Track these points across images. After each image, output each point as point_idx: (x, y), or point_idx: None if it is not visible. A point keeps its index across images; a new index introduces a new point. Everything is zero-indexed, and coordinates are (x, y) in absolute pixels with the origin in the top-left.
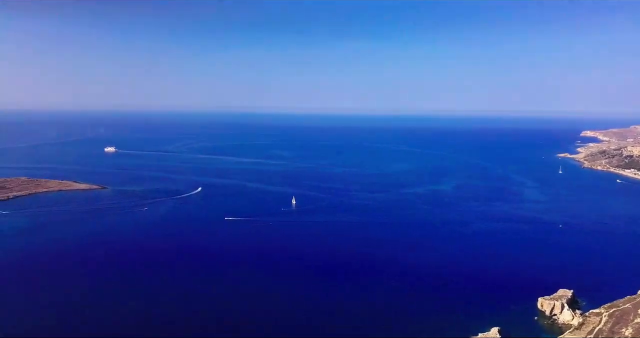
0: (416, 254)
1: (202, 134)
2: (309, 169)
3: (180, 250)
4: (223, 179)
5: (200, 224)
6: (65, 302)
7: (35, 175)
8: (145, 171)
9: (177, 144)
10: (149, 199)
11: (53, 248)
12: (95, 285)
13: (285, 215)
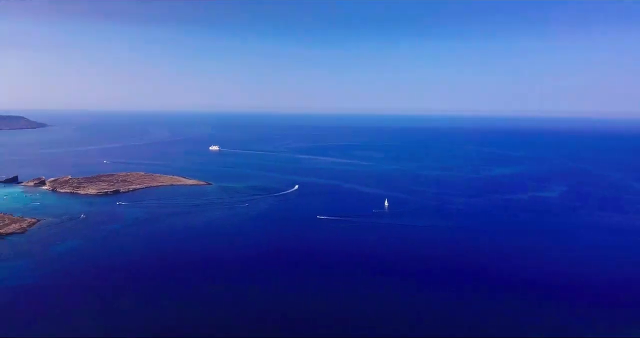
0: (519, 263)
1: (295, 135)
2: (400, 170)
3: (274, 245)
4: (317, 179)
5: (294, 221)
6: (176, 289)
7: (151, 170)
8: (246, 169)
9: (274, 144)
10: (250, 196)
11: (163, 240)
12: (195, 277)
13: (376, 216)
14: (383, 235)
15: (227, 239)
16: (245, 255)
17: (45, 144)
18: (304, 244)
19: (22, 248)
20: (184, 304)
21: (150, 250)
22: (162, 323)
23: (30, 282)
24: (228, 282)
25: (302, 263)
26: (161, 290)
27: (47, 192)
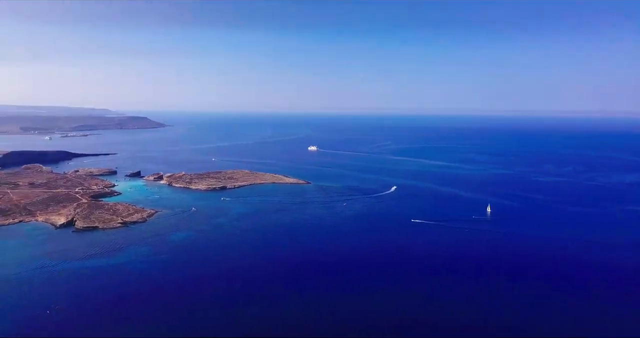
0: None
1: (391, 136)
2: (507, 175)
3: (369, 246)
4: (415, 181)
5: (388, 223)
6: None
7: (254, 168)
8: (343, 170)
9: (371, 145)
10: (347, 196)
11: (264, 235)
12: (297, 274)
13: (476, 223)
14: (481, 243)
15: (326, 237)
16: (341, 255)
17: (164, 142)
18: (398, 247)
19: (142, 236)
20: (286, 301)
21: (253, 245)
22: (266, 316)
23: (147, 266)
24: (327, 280)
25: (396, 266)
26: (263, 284)
27: (164, 186)
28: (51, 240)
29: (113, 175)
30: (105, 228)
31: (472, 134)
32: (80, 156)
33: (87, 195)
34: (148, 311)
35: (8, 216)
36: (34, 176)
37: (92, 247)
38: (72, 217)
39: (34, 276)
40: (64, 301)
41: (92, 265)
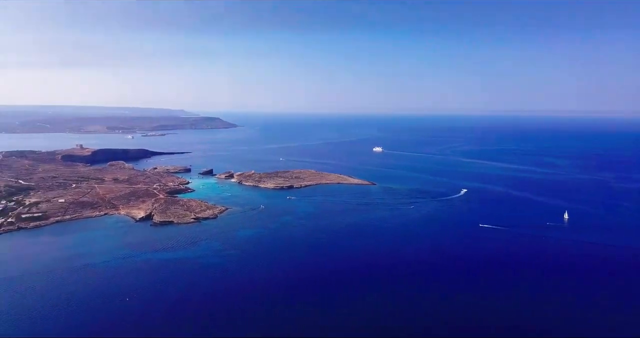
0: None
1: (460, 138)
2: (590, 180)
3: (433, 250)
4: (486, 184)
5: (454, 227)
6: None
7: (320, 168)
8: (410, 171)
9: (440, 147)
10: (414, 198)
11: (329, 235)
12: (360, 276)
13: (550, 230)
14: (554, 251)
15: (390, 240)
16: (404, 258)
17: (235, 142)
18: (462, 252)
19: (214, 232)
20: (350, 303)
21: (318, 244)
22: (325, 318)
23: (218, 261)
24: (390, 283)
25: (460, 272)
26: (326, 284)
27: (235, 184)
28: (131, 232)
29: (187, 172)
30: (179, 223)
31: (546, 135)
32: (158, 154)
33: (163, 191)
34: (218, 303)
35: (95, 209)
36: (117, 172)
37: (168, 240)
38: (150, 211)
39: (117, 265)
40: (142, 290)
41: (168, 257)
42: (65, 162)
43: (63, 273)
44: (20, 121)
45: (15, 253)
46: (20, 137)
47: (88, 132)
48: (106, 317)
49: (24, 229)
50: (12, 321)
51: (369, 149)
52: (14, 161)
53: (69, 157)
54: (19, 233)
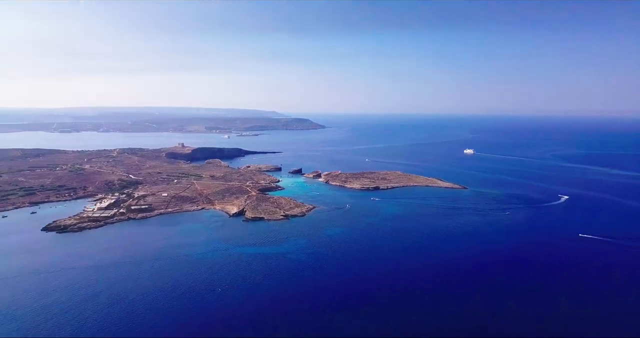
0: None
1: (561, 141)
2: None
3: (520, 258)
4: (590, 191)
5: (551, 236)
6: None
7: (408, 170)
8: (504, 175)
9: (539, 150)
10: (508, 204)
11: (414, 238)
12: (449, 282)
13: None
14: None
15: (480, 246)
16: (494, 266)
17: (323, 142)
18: (560, 263)
19: (302, 229)
20: (432, 306)
21: (402, 247)
22: (412, 321)
23: (305, 258)
24: (474, 292)
25: (556, 284)
26: (411, 288)
27: (322, 183)
28: (225, 226)
29: (278, 171)
30: (269, 219)
31: None
32: (251, 153)
33: (255, 189)
34: (303, 298)
35: (194, 203)
36: (214, 170)
37: (258, 236)
38: (243, 207)
39: (212, 257)
40: (232, 281)
41: (258, 251)
42: (168, 159)
43: (168, 261)
44: (132, 121)
45: (126, 241)
46: (132, 135)
47: (189, 132)
48: (203, 306)
49: (132, 219)
50: (131, 301)
51: (459, 151)
52: (126, 157)
53: (172, 154)
54: (128, 223)
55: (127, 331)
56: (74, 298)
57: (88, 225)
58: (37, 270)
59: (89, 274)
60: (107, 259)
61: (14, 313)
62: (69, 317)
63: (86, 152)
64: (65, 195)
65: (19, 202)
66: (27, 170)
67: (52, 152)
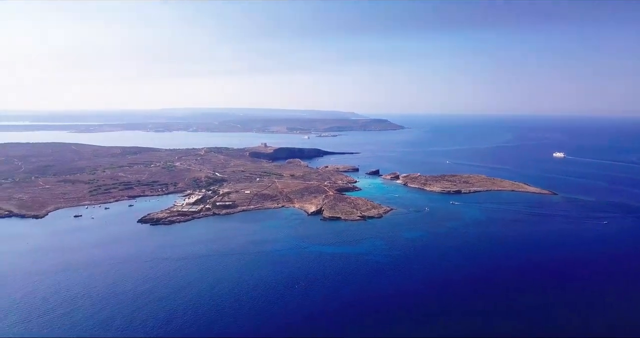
0: None
1: None
2: None
3: (623, 274)
4: None
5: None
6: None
7: (492, 173)
8: (600, 181)
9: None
10: (605, 213)
11: (499, 245)
12: (536, 293)
13: None
14: None
15: (570, 256)
16: (587, 280)
17: (401, 143)
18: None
19: (379, 231)
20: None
21: (486, 254)
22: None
23: (382, 259)
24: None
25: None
26: (495, 296)
27: (400, 185)
28: (304, 225)
29: (355, 172)
30: (346, 219)
31: None
32: (329, 154)
33: (333, 189)
34: (377, 300)
35: (274, 201)
36: (294, 169)
37: (336, 235)
38: (321, 206)
39: (290, 254)
40: (311, 279)
41: (334, 251)
42: (251, 158)
43: (250, 256)
44: (219, 122)
45: (212, 236)
46: (218, 135)
47: (271, 132)
48: (284, 301)
49: (217, 215)
50: (217, 293)
51: (548, 154)
52: (213, 156)
53: (255, 153)
54: (213, 218)
55: (213, 322)
56: (166, 288)
57: (177, 218)
58: (135, 259)
59: (179, 265)
60: (195, 252)
61: (117, 297)
62: (163, 304)
63: (177, 151)
64: (158, 190)
65: (118, 195)
66: (126, 166)
67: (147, 150)
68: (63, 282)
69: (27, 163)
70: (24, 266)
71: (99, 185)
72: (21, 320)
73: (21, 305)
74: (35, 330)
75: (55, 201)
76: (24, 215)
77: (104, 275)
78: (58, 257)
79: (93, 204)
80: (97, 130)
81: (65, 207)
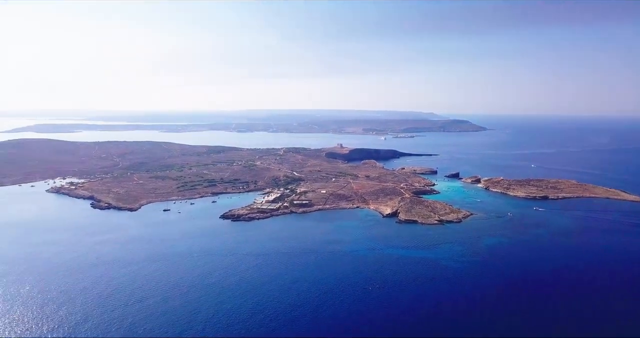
0: None
1: None
2: None
3: None
4: None
5: None
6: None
7: (583, 179)
8: None
9: None
10: None
11: (591, 257)
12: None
13: None
14: None
15: None
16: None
17: (483, 145)
18: None
19: (457, 236)
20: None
21: (572, 265)
22: None
23: (460, 266)
24: None
25: None
26: (580, 312)
27: (481, 189)
28: (378, 226)
29: (433, 174)
30: (423, 223)
31: None
32: (406, 155)
33: (410, 191)
34: (453, 306)
35: (349, 201)
36: (369, 170)
37: (411, 239)
38: (397, 209)
39: (364, 254)
40: (384, 281)
41: (409, 254)
42: (328, 158)
43: (325, 255)
44: (298, 122)
45: (289, 233)
46: (297, 136)
47: (347, 133)
48: (350, 301)
49: (294, 213)
50: (297, 291)
51: None
52: (291, 156)
53: (331, 154)
54: (290, 216)
55: (295, 319)
56: (248, 283)
57: (257, 215)
58: (218, 252)
59: (260, 261)
60: (274, 248)
61: (205, 289)
62: (245, 298)
63: (258, 150)
64: (240, 187)
65: (203, 191)
66: (210, 164)
67: (230, 149)
68: (156, 271)
69: (124, 160)
70: (124, 255)
71: (185, 182)
72: (121, 305)
73: (120, 290)
74: (132, 315)
75: (147, 196)
76: (120, 208)
77: (191, 267)
78: (151, 248)
79: (180, 199)
80: (185, 130)
81: (156, 201)
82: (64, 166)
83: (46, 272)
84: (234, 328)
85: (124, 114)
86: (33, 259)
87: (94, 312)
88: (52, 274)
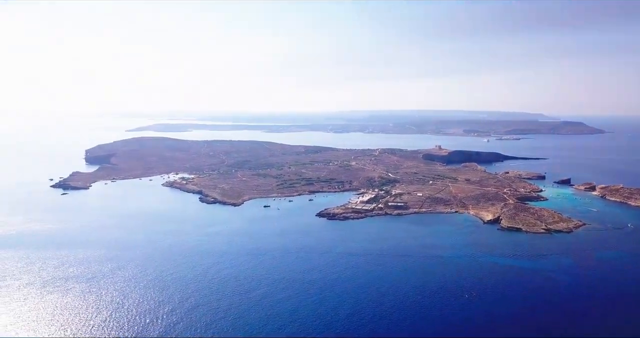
0: None
1: None
2: None
3: None
4: None
5: None
6: None
7: None
8: None
9: None
10: None
11: None
12: None
13: None
14: None
15: None
16: None
17: (600, 150)
18: None
19: (567, 247)
20: None
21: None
22: None
23: (565, 278)
24: None
25: None
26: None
27: (596, 197)
28: (478, 232)
29: (541, 180)
30: (528, 231)
31: None
32: (510, 158)
33: (514, 197)
34: (564, 325)
35: (447, 205)
36: (469, 173)
37: (514, 247)
38: (499, 215)
39: (462, 262)
40: (482, 290)
41: (512, 263)
42: (424, 160)
43: (419, 259)
44: (394, 123)
45: (383, 235)
46: (392, 136)
47: (446, 134)
48: (451, 309)
49: (389, 215)
50: (383, 292)
51: None
52: (386, 157)
53: (428, 156)
54: (385, 218)
55: (379, 320)
56: (349, 283)
57: (351, 215)
58: (316, 249)
59: (357, 261)
60: (369, 249)
61: (305, 286)
62: (345, 298)
63: (353, 151)
64: (335, 187)
65: (301, 189)
66: (308, 163)
67: (326, 149)
68: (259, 265)
69: (230, 158)
70: (229, 248)
71: (284, 180)
72: (228, 295)
73: (227, 281)
74: (236, 306)
75: (249, 192)
76: (225, 202)
77: (290, 263)
78: (252, 242)
79: (279, 197)
80: (284, 130)
81: (257, 198)
82: (177, 162)
83: (164, 260)
84: (335, 326)
85: (228, 115)
86: (153, 248)
87: (204, 300)
88: (170, 261)
